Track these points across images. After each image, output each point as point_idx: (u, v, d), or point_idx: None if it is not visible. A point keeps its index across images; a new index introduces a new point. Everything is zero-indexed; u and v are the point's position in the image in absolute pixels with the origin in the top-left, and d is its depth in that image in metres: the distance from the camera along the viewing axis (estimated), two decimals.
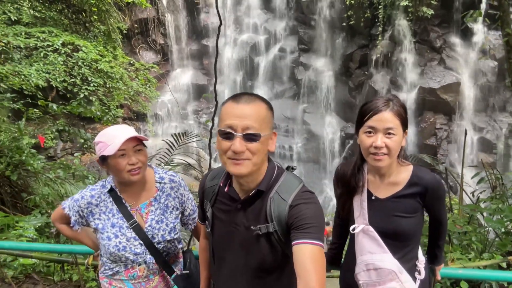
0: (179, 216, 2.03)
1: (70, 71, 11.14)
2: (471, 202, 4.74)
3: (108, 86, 11.22)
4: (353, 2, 13.21)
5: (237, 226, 1.50)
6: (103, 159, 1.82)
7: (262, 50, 16.28)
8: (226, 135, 1.37)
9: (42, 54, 10.68)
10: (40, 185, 5.87)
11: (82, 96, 10.69)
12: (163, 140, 5.29)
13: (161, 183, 1.98)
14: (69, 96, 11.08)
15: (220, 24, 3.89)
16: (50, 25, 11.38)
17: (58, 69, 10.79)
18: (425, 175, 1.76)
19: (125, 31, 14.13)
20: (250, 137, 1.36)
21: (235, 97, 1.42)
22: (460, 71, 12.73)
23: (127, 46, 15.78)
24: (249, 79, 16.42)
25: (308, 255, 1.29)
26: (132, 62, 12.82)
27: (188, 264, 2.08)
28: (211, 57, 16.62)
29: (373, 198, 1.81)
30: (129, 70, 12.77)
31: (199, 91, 16.49)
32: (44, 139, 11.07)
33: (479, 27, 12.72)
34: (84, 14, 11.11)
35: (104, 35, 12.17)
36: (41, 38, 10.74)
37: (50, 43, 10.82)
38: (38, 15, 11.15)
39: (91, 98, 11.23)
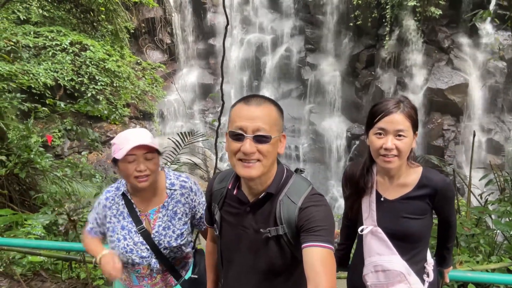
0: (188, 222, 2.03)
1: (77, 70, 11.22)
2: (479, 204, 4.70)
3: (115, 85, 11.27)
4: (360, 2, 13.15)
5: (245, 229, 1.50)
6: (115, 161, 1.84)
7: (268, 50, 16.26)
8: (237, 136, 1.37)
9: (51, 53, 10.77)
10: (48, 183, 5.92)
11: (89, 95, 10.75)
12: (169, 139, 5.31)
13: (171, 189, 1.99)
14: (76, 95, 11.16)
15: (227, 25, 3.89)
16: (59, 24, 11.46)
17: (66, 68, 10.87)
18: (434, 176, 1.75)
19: (132, 31, 14.18)
20: (260, 139, 1.36)
21: (245, 99, 1.42)
22: (468, 71, 12.62)
23: (134, 45, 15.85)
24: (255, 79, 16.41)
25: (318, 258, 1.29)
26: (139, 62, 12.87)
27: (198, 268, 2.08)
28: (217, 56, 16.63)
29: (382, 199, 1.80)
30: (136, 69, 12.82)
31: (205, 91, 16.52)
32: (51, 137, 11.16)
33: (488, 27, 12.60)
34: (92, 14, 11.16)
35: (112, 34, 12.22)
36: (50, 37, 10.83)
37: (58, 42, 10.90)
38: (46, 14, 11.24)
39: (98, 97, 11.30)
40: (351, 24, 14.05)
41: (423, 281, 1.81)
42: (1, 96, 6.12)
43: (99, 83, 11.22)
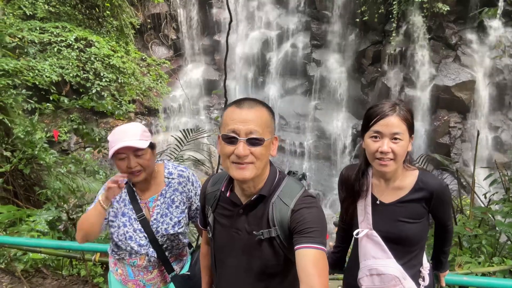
0: (186, 211, 2.08)
1: (83, 66, 11.27)
2: (482, 203, 4.66)
3: (120, 81, 11.32)
4: None
5: (238, 231, 1.51)
6: (112, 157, 1.92)
7: (274, 45, 16.19)
8: (230, 139, 1.38)
9: (56, 49, 10.81)
10: (52, 179, 5.97)
11: (94, 91, 10.80)
12: (172, 136, 5.32)
13: (169, 178, 2.05)
14: (82, 91, 11.20)
15: (231, 21, 3.87)
16: (64, 20, 11.51)
17: (71, 64, 10.92)
18: (431, 180, 1.73)
19: (137, 26, 14.19)
20: (253, 142, 1.37)
21: (237, 102, 1.43)
22: (475, 68, 12.47)
23: (140, 41, 15.87)
24: (260, 75, 16.36)
25: (310, 259, 1.29)
26: (144, 58, 12.89)
27: (193, 265, 2.10)
28: (223, 52, 16.60)
29: (377, 202, 1.79)
30: (141, 65, 12.84)
31: (210, 87, 16.51)
32: (58, 133, 11.24)
33: (496, 24, 12.42)
34: (97, 9, 11.20)
35: (117, 30, 12.25)
36: (55, 33, 10.87)
37: (64, 38, 10.95)
38: (52, 10, 11.29)
39: (103, 93, 11.35)
40: (358, 20, 13.94)
41: (418, 285, 1.80)
42: (6, 92, 6.16)
43: (104, 79, 11.26)
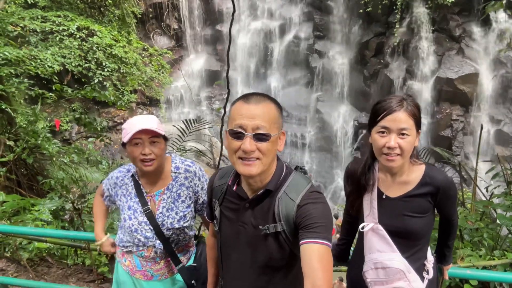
0: (192, 205, 2.09)
1: (85, 55, 11.23)
2: (484, 197, 4.67)
3: (122, 71, 11.28)
4: None
5: (244, 225, 1.51)
6: (124, 145, 1.93)
7: (276, 36, 16.09)
8: (237, 134, 1.38)
9: (58, 39, 10.77)
10: (55, 168, 5.99)
11: (96, 81, 10.78)
12: (174, 126, 5.32)
13: (175, 172, 2.06)
14: (84, 80, 11.19)
15: (234, 12, 3.84)
16: (66, 9, 11.44)
17: (73, 53, 10.88)
18: (437, 175, 1.73)
19: (139, 16, 14.10)
20: (260, 137, 1.37)
21: (245, 97, 1.42)
22: (479, 61, 12.41)
23: (141, 30, 15.77)
24: (262, 66, 16.29)
25: (315, 255, 1.30)
26: (146, 48, 12.84)
27: (198, 257, 2.12)
28: (224, 42, 16.51)
29: (383, 197, 1.79)
30: (143, 55, 12.79)
31: (212, 77, 16.46)
32: (59, 122, 11.25)
33: (500, 16, 12.32)
34: None
35: (119, 19, 12.18)
36: (57, 22, 10.81)
37: (66, 28, 10.89)
38: None
39: (105, 83, 11.32)
40: (361, 11, 13.83)
41: (422, 278, 1.81)
42: (9, 81, 6.15)
43: (106, 69, 11.23)
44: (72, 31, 10.91)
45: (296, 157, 14.29)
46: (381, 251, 1.75)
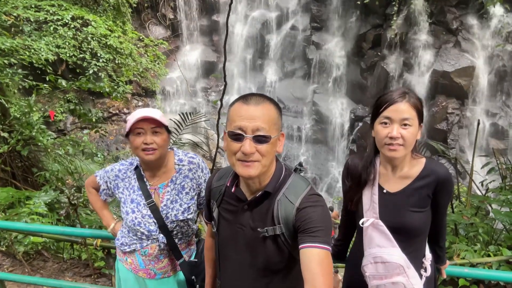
0: (195, 197, 2.10)
1: (79, 45, 11.10)
2: (479, 191, 4.70)
3: (117, 62, 11.17)
4: None
5: (242, 227, 1.50)
6: (128, 136, 1.95)
7: (273, 27, 15.97)
8: (236, 136, 1.36)
9: (52, 28, 10.63)
10: (50, 160, 5.95)
11: (91, 71, 10.67)
12: (170, 119, 5.29)
13: (179, 165, 2.07)
14: (78, 71, 11.08)
15: (231, 2, 3.80)
16: None
17: (67, 43, 10.75)
18: (437, 167, 1.75)
19: (134, 5, 13.93)
20: (260, 139, 1.35)
21: (244, 98, 1.41)
22: (475, 54, 12.41)
23: (137, 20, 15.59)
24: (259, 57, 16.19)
25: (315, 259, 1.29)
26: (141, 38, 12.70)
27: (199, 253, 2.12)
28: (221, 33, 16.37)
29: (384, 191, 1.80)
30: (138, 46, 12.67)
31: (208, 68, 16.35)
32: (54, 113, 11.16)
33: (498, 9, 12.29)
34: None
35: (114, 9, 12.03)
36: (51, 11, 10.66)
37: (60, 17, 10.75)
38: None
39: (100, 74, 11.21)
40: (359, 3, 13.73)
41: (420, 275, 1.82)
42: (2, 72, 6.07)
43: (101, 60, 11.12)
44: (67, 21, 10.77)
45: (292, 149, 14.29)
46: (381, 246, 1.76)
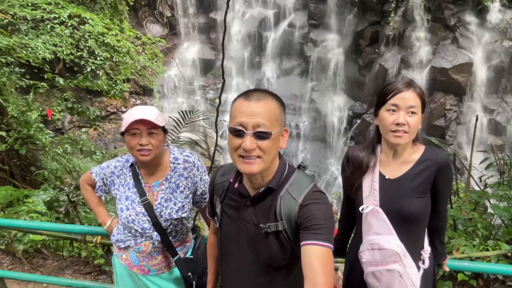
0: (190, 196, 2.09)
1: (76, 44, 11.06)
2: (478, 187, 4.72)
3: (114, 60, 11.14)
4: None
5: (245, 223, 1.50)
6: (123, 135, 1.94)
7: (271, 25, 15.93)
8: (237, 132, 1.37)
9: (49, 27, 10.59)
10: (48, 159, 5.94)
11: (89, 69, 10.64)
12: (169, 117, 5.29)
13: (174, 163, 2.06)
14: (76, 69, 11.05)
15: (229, 0, 3.79)
16: None
17: (65, 41, 10.71)
18: (436, 153, 1.80)
19: (131, 3, 13.89)
20: (260, 135, 1.35)
21: (246, 94, 1.41)
22: (473, 50, 12.42)
23: (134, 18, 15.53)
24: (257, 55, 16.16)
25: (316, 257, 1.29)
26: (139, 36, 12.67)
27: (196, 250, 2.12)
28: (219, 31, 16.32)
29: (386, 178, 1.82)
30: (136, 44, 12.64)
31: (206, 66, 16.31)
32: (51, 111, 11.13)
33: (496, 6, 12.31)
34: None
35: (111, 7, 12.00)
36: (48, 9, 10.61)
37: (57, 15, 10.71)
38: None
39: (98, 72, 11.18)
40: (356, 0, 13.73)
41: (418, 267, 1.83)
42: (0, 71, 6.05)
43: (98, 58, 11.08)
44: (64, 19, 10.73)
45: (290, 147, 14.29)
46: (378, 233, 1.78)
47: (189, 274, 2.04)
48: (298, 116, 14.78)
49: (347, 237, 2.13)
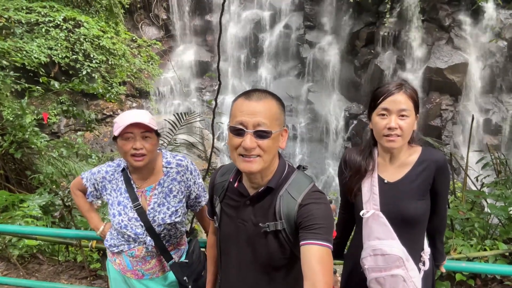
0: (184, 200, 2.07)
1: (72, 47, 11.03)
2: (475, 186, 4.72)
3: (110, 63, 11.11)
4: None
5: (244, 222, 1.50)
6: (115, 139, 1.90)
7: (266, 26, 15.95)
8: (237, 131, 1.37)
9: (44, 30, 10.54)
10: (43, 163, 5.90)
11: (84, 72, 10.61)
12: (165, 120, 5.27)
13: (167, 167, 2.04)
14: (71, 72, 11.01)
15: (224, 1, 3.79)
16: None
17: (60, 45, 10.68)
18: (434, 153, 1.79)
19: (127, 6, 13.87)
20: (261, 134, 1.36)
21: (246, 94, 1.42)
22: (468, 51, 12.47)
23: (129, 21, 15.51)
24: (253, 56, 16.17)
25: (316, 256, 1.29)
26: (134, 39, 12.65)
27: (190, 253, 2.10)
28: (214, 33, 16.32)
29: (385, 182, 1.81)
30: (132, 46, 12.61)
31: (202, 68, 16.30)
32: (47, 115, 11.09)
33: (490, 6, 12.37)
34: None
35: (106, 10, 11.97)
36: (42, 13, 10.58)
37: (52, 18, 10.67)
38: None
39: (93, 75, 11.15)
40: (351, 1, 13.76)
41: (419, 269, 1.82)
42: None
43: (94, 61, 11.05)
44: (58, 22, 10.69)
45: (287, 148, 14.28)
46: (380, 238, 1.76)
47: (185, 278, 2.03)
48: (295, 117, 14.79)
49: (345, 240, 2.12)
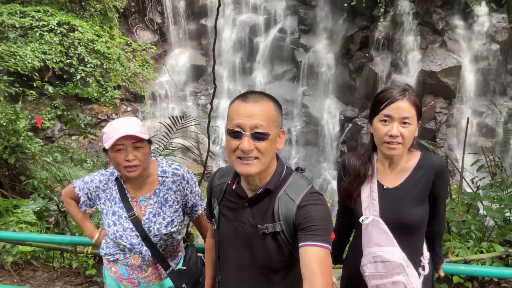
0: (180, 209, 2.03)
1: (66, 51, 10.97)
2: (470, 189, 4.74)
3: (105, 67, 11.07)
4: None
5: (242, 224, 1.50)
6: (105, 151, 1.86)
7: (261, 30, 16.00)
8: (235, 134, 1.36)
9: (38, 34, 10.49)
10: (38, 168, 5.85)
11: (79, 77, 10.56)
12: (160, 123, 5.24)
13: (163, 177, 1.99)
14: (66, 77, 10.96)
15: (219, 6, 3.79)
16: (45, 3, 11.14)
17: (54, 49, 10.62)
18: (432, 158, 1.77)
19: (121, 10, 13.85)
20: (258, 136, 1.35)
21: (243, 96, 1.41)
22: (461, 54, 12.58)
23: (124, 25, 15.47)
24: (248, 60, 16.20)
25: (314, 258, 1.28)
26: (129, 43, 12.62)
27: (187, 260, 2.08)
28: (209, 37, 16.34)
29: (384, 188, 1.80)
30: (126, 50, 12.58)
31: (197, 72, 16.29)
32: (41, 120, 11.01)
33: (483, 9, 12.50)
34: None
35: (101, 14, 11.94)
36: (36, 17, 10.53)
37: (46, 23, 10.62)
38: None
39: (88, 79, 11.10)
40: (346, 5, 13.84)
41: (418, 274, 1.81)
42: None
43: (88, 65, 11.01)
44: (53, 26, 10.65)
45: (283, 151, 14.29)
46: (380, 244, 1.75)
47: (183, 285, 2.00)
48: (290, 120, 14.81)
49: (343, 246, 2.11)
